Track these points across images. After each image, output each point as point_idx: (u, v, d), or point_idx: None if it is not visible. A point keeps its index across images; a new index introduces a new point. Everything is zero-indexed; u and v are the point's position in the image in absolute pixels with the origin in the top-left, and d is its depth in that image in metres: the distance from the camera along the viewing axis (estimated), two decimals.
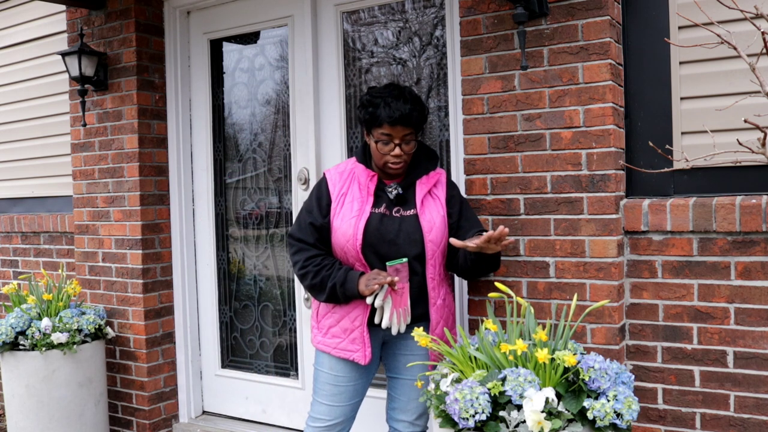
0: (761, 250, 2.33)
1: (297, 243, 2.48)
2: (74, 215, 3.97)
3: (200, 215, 3.87)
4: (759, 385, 2.36)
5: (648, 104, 2.56)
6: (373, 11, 3.30)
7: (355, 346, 2.43)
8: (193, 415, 3.90)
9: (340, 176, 2.46)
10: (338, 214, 2.40)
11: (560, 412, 1.95)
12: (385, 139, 2.35)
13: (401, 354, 2.54)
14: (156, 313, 3.78)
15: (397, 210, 2.42)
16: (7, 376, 3.54)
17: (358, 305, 2.41)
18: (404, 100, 2.35)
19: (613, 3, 2.50)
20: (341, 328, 2.45)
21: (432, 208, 2.43)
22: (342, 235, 2.38)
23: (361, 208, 2.38)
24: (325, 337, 2.50)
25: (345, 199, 2.41)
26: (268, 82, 3.66)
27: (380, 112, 2.33)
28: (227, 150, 3.82)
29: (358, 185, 2.43)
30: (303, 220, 2.48)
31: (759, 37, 1.97)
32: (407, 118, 2.33)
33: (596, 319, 2.48)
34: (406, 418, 2.58)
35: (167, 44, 3.80)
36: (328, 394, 2.52)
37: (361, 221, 2.36)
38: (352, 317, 2.43)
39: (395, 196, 2.42)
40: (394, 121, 2.32)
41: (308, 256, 2.44)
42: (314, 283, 2.41)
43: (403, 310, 2.39)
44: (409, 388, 2.54)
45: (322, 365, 2.53)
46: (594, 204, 2.48)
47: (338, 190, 2.43)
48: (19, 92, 4.41)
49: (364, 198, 2.40)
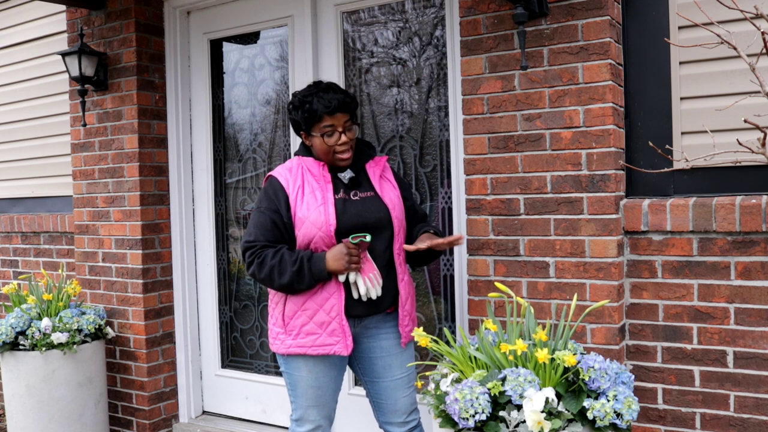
0: (761, 250, 2.33)
1: (257, 245, 2.36)
2: (74, 215, 3.97)
3: (200, 215, 3.87)
4: (759, 385, 2.36)
5: (648, 104, 2.56)
6: (373, 11, 3.30)
7: (335, 338, 2.36)
8: (193, 415, 3.90)
9: (289, 172, 2.42)
10: (301, 206, 2.35)
11: (560, 412, 1.95)
12: (329, 131, 2.36)
13: (377, 357, 2.50)
14: (156, 313, 3.78)
15: (354, 193, 2.42)
16: (7, 376, 3.54)
17: (332, 295, 2.35)
18: (333, 90, 2.39)
19: (613, 3, 2.50)
20: (316, 323, 2.37)
21: (388, 189, 2.48)
22: (312, 224, 2.33)
23: (324, 196, 2.36)
24: (297, 338, 2.39)
25: (304, 191, 2.37)
26: (268, 82, 3.66)
27: (316, 106, 2.35)
28: (227, 150, 3.82)
29: (312, 176, 2.40)
30: (262, 222, 2.38)
31: (759, 37, 1.97)
32: (344, 104, 2.37)
33: (596, 319, 2.48)
34: (397, 419, 2.54)
35: (167, 44, 3.80)
36: (313, 397, 2.45)
37: (329, 207, 2.34)
38: (327, 308, 2.36)
39: (350, 180, 2.43)
40: (333, 109, 2.34)
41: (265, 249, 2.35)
42: (273, 263, 2.30)
43: (374, 273, 2.37)
44: (393, 389, 2.51)
45: (299, 369, 2.43)
46: (594, 204, 2.48)
47: (293, 185, 2.38)
48: (19, 92, 4.41)
49: (323, 186, 2.38)
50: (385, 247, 2.42)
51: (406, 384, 2.53)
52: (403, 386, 2.52)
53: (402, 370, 2.51)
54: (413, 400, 2.57)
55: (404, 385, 2.53)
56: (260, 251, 2.35)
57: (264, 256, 2.33)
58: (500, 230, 2.65)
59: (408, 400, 2.54)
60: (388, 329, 2.50)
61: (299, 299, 2.38)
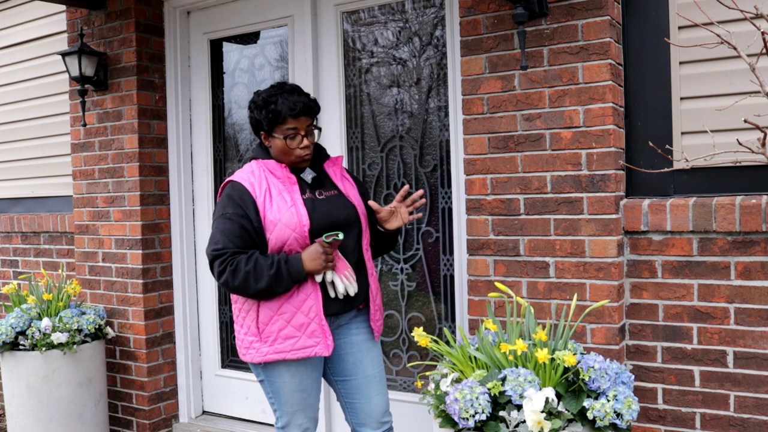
0: (761, 250, 2.33)
1: (227, 252, 2.26)
2: (74, 215, 3.97)
3: (200, 215, 3.87)
4: (759, 385, 2.36)
5: (648, 104, 2.56)
6: (373, 11, 3.30)
7: (315, 339, 2.31)
8: (193, 415, 3.90)
9: (252, 175, 2.35)
10: (271, 209, 2.30)
11: (560, 412, 1.95)
12: (292, 134, 2.33)
13: (346, 354, 2.47)
14: (156, 313, 3.78)
15: (319, 193, 2.41)
16: (7, 376, 3.54)
17: (309, 296, 2.30)
18: (298, 93, 2.36)
19: (613, 3, 2.50)
20: (295, 326, 2.30)
21: (349, 187, 2.49)
22: (285, 226, 2.28)
23: (293, 197, 2.32)
24: (275, 344, 2.31)
25: (271, 193, 2.32)
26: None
27: (281, 108, 2.31)
28: (227, 150, 3.82)
29: (276, 178, 2.36)
30: (230, 228, 2.28)
31: (759, 37, 1.97)
32: (309, 108, 2.35)
33: (596, 319, 2.48)
34: (372, 419, 2.48)
35: (167, 44, 3.80)
36: (299, 401, 2.40)
37: (300, 208, 2.31)
38: (306, 310, 2.30)
39: (312, 180, 2.42)
40: (298, 112, 2.32)
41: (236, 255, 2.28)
42: (248, 269, 2.22)
43: (349, 270, 2.35)
44: (366, 387, 2.46)
45: (281, 376, 2.37)
46: (594, 204, 2.48)
47: (259, 188, 2.32)
48: (19, 92, 4.41)
49: (290, 188, 2.35)
50: (354, 243, 2.42)
51: (378, 381, 2.49)
52: (375, 383, 2.48)
53: (373, 367, 2.48)
54: (387, 400, 2.52)
55: (377, 382, 2.48)
56: (231, 258, 2.25)
57: (237, 263, 2.24)
58: (500, 230, 2.65)
59: (382, 398, 2.49)
60: (358, 325, 2.48)
61: (274, 304, 2.30)
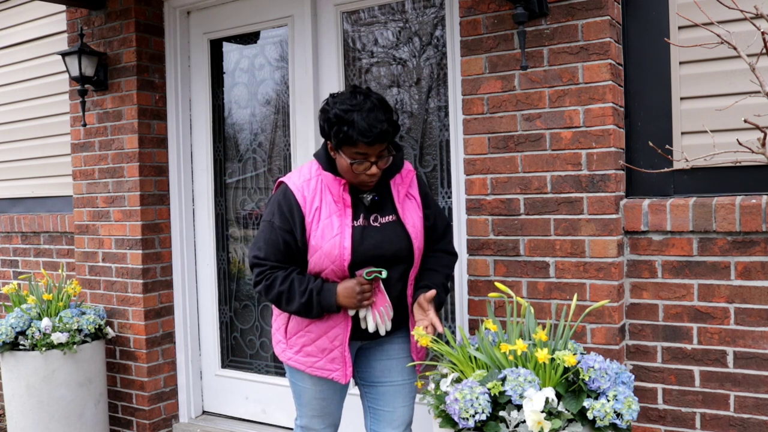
0: (761, 250, 2.33)
1: (267, 264, 2.22)
2: (74, 215, 3.97)
3: (200, 215, 3.87)
4: (759, 385, 2.36)
5: (648, 104, 2.56)
6: (373, 11, 3.30)
7: (335, 366, 2.27)
8: (193, 415, 3.90)
9: (307, 185, 2.21)
10: (315, 233, 2.17)
11: (560, 412, 1.95)
12: (360, 159, 2.11)
13: (376, 360, 2.41)
14: (156, 313, 3.78)
15: (374, 218, 2.23)
16: (7, 376, 3.54)
17: (338, 324, 2.24)
18: (378, 109, 2.09)
19: (613, 3, 2.50)
20: (318, 347, 2.27)
21: (411, 211, 2.28)
22: (326, 255, 2.17)
23: (342, 224, 2.17)
24: (298, 355, 2.30)
25: (321, 214, 2.18)
26: (268, 82, 3.66)
27: (353, 132, 2.06)
28: (227, 150, 3.82)
29: (331, 196, 2.20)
30: (274, 240, 2.21)
31: (759, 37, 1.97)
32: (384, 134, 2.09)
33: (596, 319, 2.48)
34: (391, 429, 2.41)
35: (167, 44, 3.80)
36: (318, 408, 2.40)
37: (345, 239, 2.15)
38: (332, 337, 2.25)
39: (370, 203, 2.23)
40: (373, 140, 2.07)
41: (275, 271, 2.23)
42: (282, 289, 2.18)
43: (385, 307, 2.24)
44: (392, 395, 2.39)
45: (303, 382, 2.37)
46: (594, 204, 2.48)
47: (310, 205, 2.18)
48: (19, 92, 4.41)
49: (342, 211, 2.18)
50: (399, 276, 2.27)
51: (407, 392, 2.41)
52: (403, 393, 2.41)
53: (403, 376, 2.40)
54: (411, 415, 2.44)
55: (404, 392, 2.41)
56: (270, 272, 2.21)
57: (273, 279, 2.20)
58: (500, 230, 2.65)
59: (407, 410, 2.42)
60: (393, 335, 2.37)
61: (304, 321, 2.28)
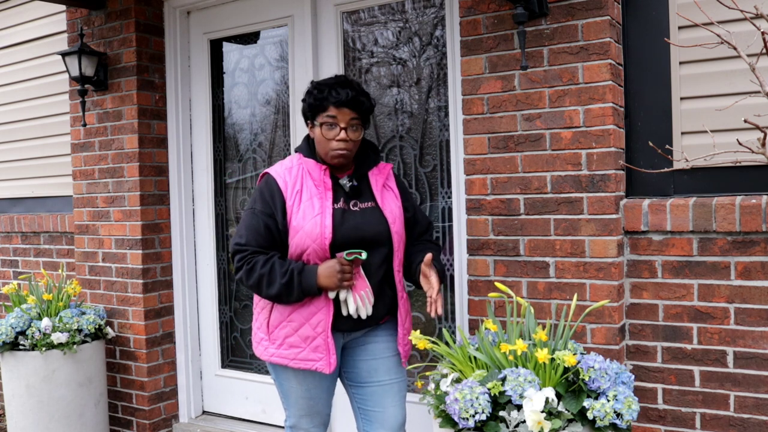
0: (761, 250, 2.33)
1: (248, 249, 2.26)
2: (74, 215, 3.97)
3: (200, 215, 3.87)
4: (759, 385, 2.36)
5: (648, 104, 2.56)
6: (373, 11, 3.30)
7: (318, 355, 2.26)
8: (193, 415, 3.90)
9: (288, 173, 2.30)
10: (297, 214, 2.24)
11: (560, 412, 1.95)
12: (330, 122, 2.25)
13: (362, 360, 2.41)
14: (156, 313, 3.78)
15: (354, 203, 2.31)
16: (7, 376, 3.54)
17: (320, 310, 2.26)
18: (351, 87, 2.29)
19: (613, 3, 2.50)
20: (301, 336, 2.27)
21: (390, 200, 2.38)
22: (307, 235, 2.22)
23: (323, 205, 2.24)
24: (280, 349, 2.30)
25: (302, 197, 2.26)
26: (268, 82, 3.66)
27: (327, 95, 2.26)
28: (227, 150, 3.82)
29: (312, 180, 2.28)
30: (255, 225, 2.26)
31: (759, 37, 1.97)
32: (354, 101, 2.26)
33: (596, 319, 2.48)
34: (385, 430, 2.39)
35: (167, 44, 3.80)
36: (305, 407, 2.39)
37: (326, 218, 2.22)
38: (314, 323, 2.26)
39: (351, 188, 2.32)
40: (340, 103, 2.24)
41: (255, 255, 2.26)
42: (263, 272, 2.20)
43: (366, 291, 2.26)
44: (380, 395, 2.39)
45: (289, 380, 2.36)
46: (594, 204, 2.48)
47: (291, 189, 2.26)
48: (19, 92, 4.41)
49: (323, 194, 2.26)
50: (381, 262, 2.32)
51: (395, 391, 2.41)
52: (391, 393, 2.40)
53: (389, 376, 2.40)
54: (403, 414, 2.43)
55: (393, 392, 2.41)
56: (251, 257, 2.24)
57: (254, 263, 2.23)
58: (500, 230, 2.65)
59: (398, 410, 2.41)
60: (377, 333, 2.41)
61: (285, 310, 2.29)
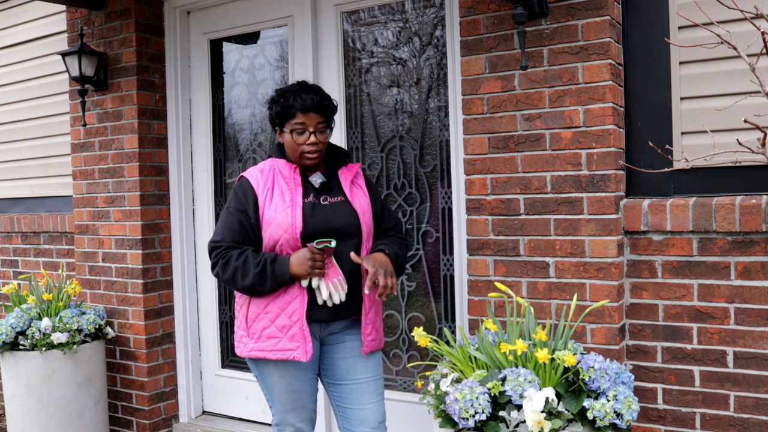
0: (761, 250, 2.33)
1: (222, 245, 2.35)
2: (74, 215, 3.97)
3: (200, 215, 3.87)
4: (759, 385, 2.36)
5: (648, 104, 2.56)
6: (373, 11, 3.30)
7: (295, 344, 2.31)
8: (193, 415, 3.90)
9: (260, 173, 2.42)
10: (269, 207, 2.35)
11: (560, 412, 1.95)
12: (300, 129, 2.36)
13: (341, 358, 2.45)
14: (156, 313, 3.78)
15: (324, 198, 2.41)
16: (7, 376, 3.54)
17: (294, 299, 2.32)
18: (314, 92, 2.40)
19: (613, 3, 2.50)
20: (277, 327, 2.33)
21: (358, 195, 2.47)
22: (279, 225, 2.32)
23: (293, 198, 2.35)
24: (259, 342, 2.35)
25: (273, 192, 2.37)
26: (268, 82, 3.66)
27: (292, 102, 2.36)
28: (227, 150, 3.82)
29: (283, 178, 2.39)
30: (230, 222, 2.38)
31: (759, 37, 1.97)
32: (320, 105, 2.37)
33: (596, 319, 2.48)
34: (364, 428, 2.42)
35: (167, 44, 3.80)
36: (289, 401, 2.42)
37: (296, 209, 2.33)
38: (289, 312, 2.32)
39: (320, 185, 2.41)
40: (307, 108, 2.35)
41: (230, 250, 2.35)
42: (237, 264, 2.30)
43: (338, 279, 2.33)
44: (358, 393, 2.43)
45: (271, 374, 2.40)
46: (594, 204, 2.48)
47: (263, 186, 2.38)
48: (19, 92, 4.41)
49: (293, 189, 2.37)
50: (351, 252, 2.37)
51: (373, 389, 2.45)
52: (369, 391, 2.44)
53: (367, 374, 2.44)
54: (382, 411, 2.47)
55: (370, 390, 2.45)
56: (225, 252, 2.34)
57: (229, 257, 2.32)
58: (500, 230, 2.65)
59: (376, 408, 2.45)
60: (354, 333, 2.44)
61: (262, 302, 2.35)
